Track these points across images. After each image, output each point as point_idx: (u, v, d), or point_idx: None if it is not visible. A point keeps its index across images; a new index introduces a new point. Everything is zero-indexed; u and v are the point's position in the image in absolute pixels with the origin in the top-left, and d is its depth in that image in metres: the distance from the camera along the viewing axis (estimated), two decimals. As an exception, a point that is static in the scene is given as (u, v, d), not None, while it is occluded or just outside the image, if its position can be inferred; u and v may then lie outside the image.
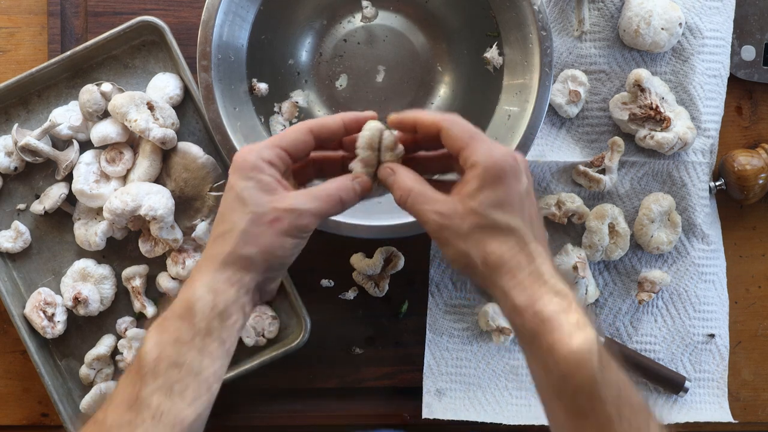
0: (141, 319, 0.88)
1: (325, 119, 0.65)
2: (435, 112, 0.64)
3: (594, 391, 0.55)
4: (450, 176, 0.68)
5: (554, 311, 0.57)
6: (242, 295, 0.61)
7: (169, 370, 0.58)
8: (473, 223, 0.60)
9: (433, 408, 0.88)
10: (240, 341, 0.87)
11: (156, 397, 0.58)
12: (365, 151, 0.65)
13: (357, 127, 0.66)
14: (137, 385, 0.58)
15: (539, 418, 0.87)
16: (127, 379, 0.60)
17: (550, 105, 0.86)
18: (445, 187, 0.63)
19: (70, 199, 0.86)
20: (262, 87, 0.85)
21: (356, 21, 0.88)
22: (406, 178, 0.63)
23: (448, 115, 0.63)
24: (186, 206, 0.86)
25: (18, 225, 0.87)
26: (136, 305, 0.87)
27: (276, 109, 0.87)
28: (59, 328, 0.85)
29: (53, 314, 0.85)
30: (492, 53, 0.85)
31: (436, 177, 0.68)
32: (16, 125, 0.86)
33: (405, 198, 0.63)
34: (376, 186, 0.66)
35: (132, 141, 0.86)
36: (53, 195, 0.85)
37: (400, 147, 0.66)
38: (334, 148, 0.69)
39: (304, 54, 0.88)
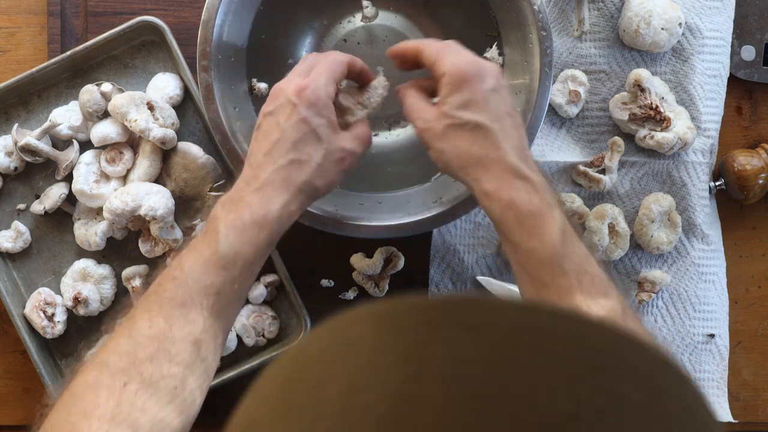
0: (141, 319, 0.88)
1: (354, 60, 0.74)
2: (418, 39, 0.73)
3: (555, 264, 0.61)
4: None
5: (518, 196, 0.63)
6: (299, 215, 0.69)
7: (243, 270, 0.65)
8: (445, 124, 0.67)
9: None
10: (240, 341, 0.87)
11: (227, 289, 0.65)
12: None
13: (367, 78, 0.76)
14: (213, 275, 0.64)
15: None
16: (200, 266, 0.65)
17: (550, 105, 0.86)
18: None
19: (70, 199, 0.86)
20: (262, 87, 0.85)
21: (356, 21, 0.88)
22: (405, 96, 0.71)
23: (427, 39, 0.71)
24: (186, 206, 0.86)
25: (18, 225, 0.87)
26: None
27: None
28: (59, 328, 0.85)
29: (53, 314, 0.85)
30: (492, 53, 0.84)
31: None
32: (16, 125, 0.86)
33: (405, 112, 0.71)
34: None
35: (132, 141, 0.86)
36: (53, 195, 0.85)
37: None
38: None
39: (304, 54, 0.88)
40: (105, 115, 0.86)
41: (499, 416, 0.27)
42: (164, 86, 0.86)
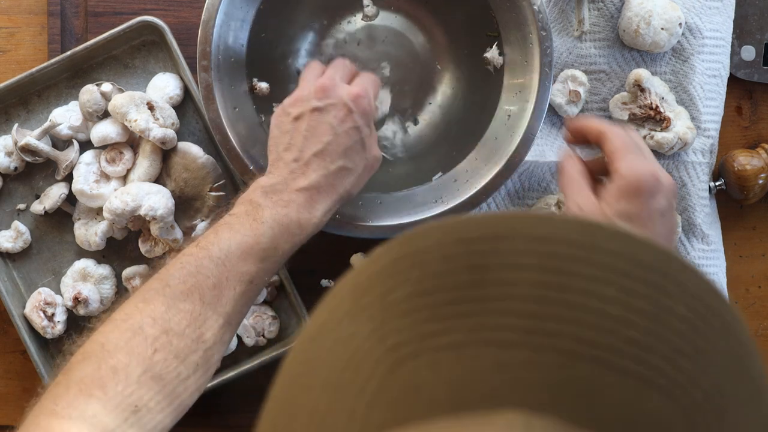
0: (141, 319, 0.88)
1: (376, 79, 0.76)
2: (605, 124, 0.70)
3: None
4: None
5: None
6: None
7: (277, 264, 0.68)
8: None
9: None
10: (240, 341, 0.87)
11: (259, 278, 0.67)
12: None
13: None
14: (251, 262, 0.66)
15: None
16: (244, 243, 0.66)
17: (550, 105, 0.86)
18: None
19: (70, 199, 0.86)
20: (263, 86, 0.85)
21: (356, 21, 0.88)
22: (571, 166, 0.69)
23: (617, 127, 0.69)
24: (186, 206, 0.86)
25: (18, 225, 0.87)
26: (136, 305, 0.87)
27: (276, 108, 0.87)
28: (59, 328, 0.85)
29: (53, 314, 0.85)
30: (492, 53, 0.85)
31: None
32: (16, 125, 0.86)
33: (561, 179, 0.69)
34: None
35: (132, 141, 0.86)
36: (53, 195, 0.85)
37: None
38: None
39: (304, 54, 0.88)
40: (105, 115, 0.86)
41: (556, 317, 0.29)
42: (164, 86, 0.86)
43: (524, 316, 0.29)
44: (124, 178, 0.86)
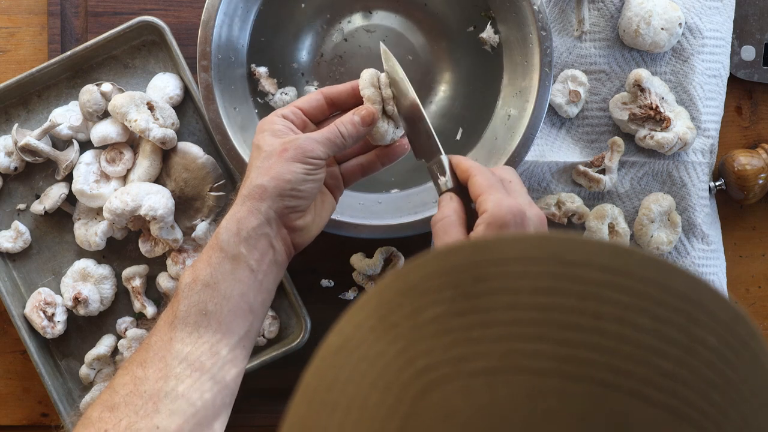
0: (141, 319, 0.88)
1: (336, 86, 0.73)
2: (471, 162, 0.68)
3: None
4: None
5: None
6: (264, 224, 0.67)
7: (202, 290, 0.65)
8: None
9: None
10: (240, 341, 0.87)
11: (192, 316, 0.64)
12: (368, 89, 0.71)
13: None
14: (175, 307, 0.65)
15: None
16: (167, 308, 0.66)
17: (550, 105, 0.86)
18: None
19: (70, 199, 0.86)
20: (262, 71, 0.85)
21: (356, 21, 0.88)
22: (448, 208, 0.66)
23: (483, 167, 0.67)
24: (186, 206, 0.86)
25: (18, 225, 0.87)
26: (136, 305, 0.87)
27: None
28: (59, 328, 0.85)
29: (53, 314, 0.85)
30: (488, 32, 0.85)
31: None
32: (16, 125, 0.86)
33: (438, 220, 0.66)
34: (387, 125, 0.72)
35: (132, 141, 0.86)
36: (53, 195, 0.85)
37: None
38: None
39: (304, 54, 0.88)
40: (105, 115, 0.86)
41: (590, 345, 0.29)
42: (164, 86, 0.86)
43: (558, 343, 0.29)
44: (124, 178, 0.86)
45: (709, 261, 0.90)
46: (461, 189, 0.68)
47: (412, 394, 0.29)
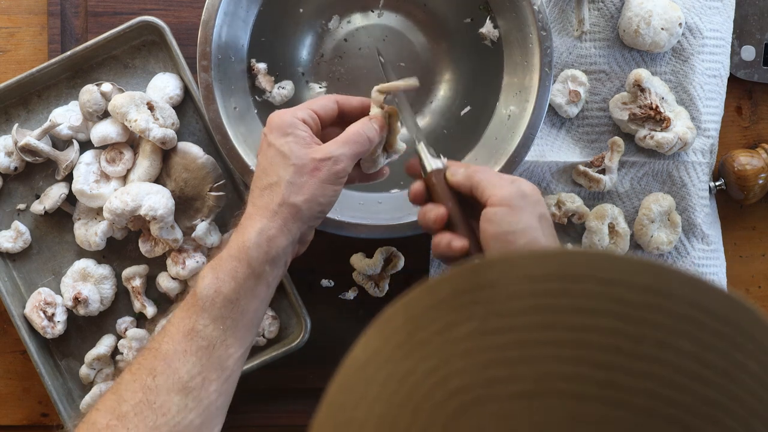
0: (141, 319, 0.88)
1: (349, 96, 0.73)
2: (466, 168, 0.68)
3: None
4: None
5: None
6: (291, 243, 0.67)
7: (224, 306, 0.64)
8: (542, 212, 0.63)
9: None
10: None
11: (210, 329, 0.64)
12: (377, 110, 0.71)
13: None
14: (193, 317, 0.64)
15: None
16: (182, 312, 0.65)
17: (550, 105, 0.86)
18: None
19: (70, 199, 0.86)
20: (261, 67, 0.85)
21: (356, 21, 0.88)
22: (478, 171, 0.66)
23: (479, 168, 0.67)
24: (186, 206, 0.86)
25: (18, 225, 0.87)
26: (136, 305, 0.87)
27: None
28: (59, 328, 0.85)
29: (53, 314, 0.85)
30: (487, 27, 0.85)
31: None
32: (16, 125, 0.86)
33: (475, 169, 0.65)
34: (383, 158, 0.73)
35: (132, 141, 0.86)
36: (53, 195, 0.85)
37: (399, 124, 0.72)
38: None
39: (304, 54, 0.88)
40: (105, 115, 0.86)
41: (631, 370, 0.27)
42: (164, 86, 0.86)
43: (598, 367, 0.27)
44: (124, 178, 0.86)
45: (709, 261, 0.90)
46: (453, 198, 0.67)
47: (445, 417, 0.27)
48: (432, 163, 0.68)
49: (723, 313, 0.30)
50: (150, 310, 0.86)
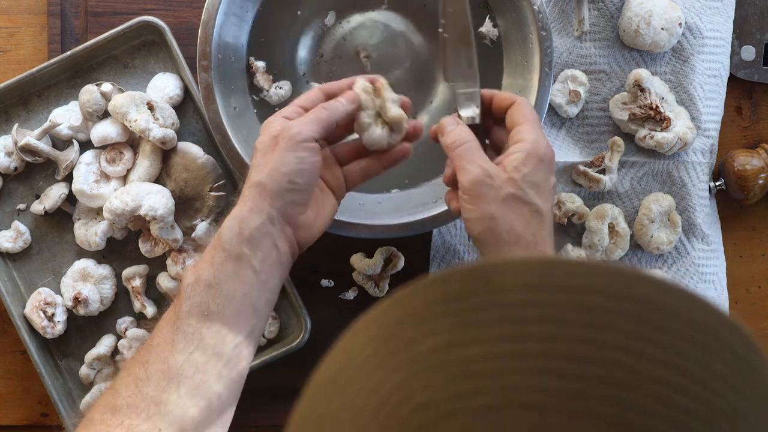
0: (141, 319, 0.88)
1: (333, 82, 0.73)
2: (515, 96, 0.72)
3: None
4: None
5: None
6: (266, 223, 0.66)
7: (205, 292, 0.64)
8: (510, 192, 0.64)
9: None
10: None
11: (195, 316, 0.64)
12: (359, 86, 0.71)
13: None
14: (177, 307, 0.65)
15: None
16: (171, 306, 0.66)
17: (550, 105, 0.86)
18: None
19: (70, 199, 0.86)
20: (260, 65, 0.85)
21: (356, 21, 0.88)
22: (465, 132, 0.69)
23: (523, 99, 0.70)
24: (186, 206, 0.86)
25: (18, 225, 0.87)
26: (136, 305, 0.87)
27: (276, 108, 0.87)
28: (59, 328, 0.85)
29: (53, 314, 0.85)
30: (486, 27, 0.85)
31: None
32: (16, 125, 0.86)
33: (458, 145, 0.68)
34: (381, 130, 0.72)
35: (132, 141, 0.86)
36: (53, 195, 0.85)
37: (393, 95, 0.72)
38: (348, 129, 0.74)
39: (304, 54, 0.88)
40: (105, 115, 0.86)
41: (596, 376, 0.27)
42: (164, 86, 0.86)
43: (564, 378, 0.27)
44: (124, 178, 0.86)
45: (709, 261, 0.90)
46: (484, 127, 0.71)
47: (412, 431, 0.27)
48: (463, 113, 0.72)
49: (687, 315, 0.29)
50: (150, 310, 0.86)
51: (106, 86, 0.85)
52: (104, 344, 0.86)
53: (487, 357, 0.28)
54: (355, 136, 0.73)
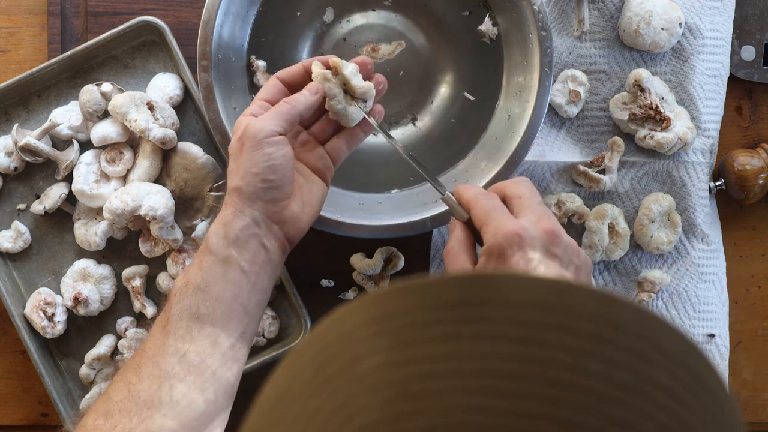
0: (141, 319, 0.88)
1: (288, 68, 0.73)
2: (471, 191, 0.66)
3: None
4: None
5: None
6: (251, 224, 0.66)
7: (194, 294, 0.65)
8: None
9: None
10: (240, 341, 0.87)
11: (185, 318, 0.64)
12: (317, 68, 0.71)
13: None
14: (168, 311, 0.65)
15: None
16: (162, 311, 0.67)
17: (550, 105, 0.86)
18: None
19: (70, 199, 0.86)
20: (261, 64, 0.85)
21: (356, 21, 0.88)
22: (452, 237, 0.65)
23: (479, 192, 0.65)
24: (186, 206, 0.86)
25: (18, 225, 0.87)
26: (136, 305, 0.87)
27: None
28: (59, 328, 0.85)
29: (53, 314, 0.85)
30: (486, 25, 0.85)
31: None
32: (16, 125, 0.86)
33: (444, 254, 0.65)
34: (353, 108, 0.72)
35: (132, 141, 0.86)
36: (53, 195, 0.85)
37: (351, 66, 0.71)
38: (317, 116, 0.74)
39: (304, 54, 0.88)
40: (105, 115, 0.86)
41: (538, 396, 0.26)
42: (164, 86, 0.86)
43: (504, 396, 0.26)
44: (124, 178, 0.86)
45: (709, 261, 0.90)
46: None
47: None
48: (458, 216, 0.67)
49: (629, 325, 0.29)
50: (150, 310, 0.86)
51: (106, 86, 0.85)
52: (104, 344, 0.87)
53: (426, 377, 0.27)
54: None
